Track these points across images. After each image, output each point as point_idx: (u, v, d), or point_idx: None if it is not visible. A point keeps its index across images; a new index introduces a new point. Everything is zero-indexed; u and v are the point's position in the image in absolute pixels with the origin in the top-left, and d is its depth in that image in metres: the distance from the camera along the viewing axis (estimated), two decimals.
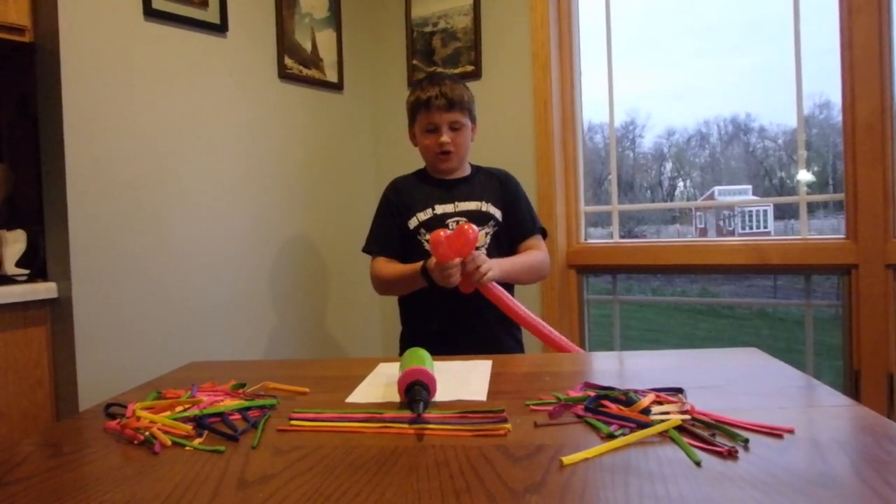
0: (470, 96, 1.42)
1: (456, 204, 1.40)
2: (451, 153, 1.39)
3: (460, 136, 1.40)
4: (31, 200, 1.56)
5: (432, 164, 1.44)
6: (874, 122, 1.60)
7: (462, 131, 1.40)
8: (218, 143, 1.77)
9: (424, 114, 1.39)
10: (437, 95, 1.36)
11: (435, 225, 1.36)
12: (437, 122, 1.38)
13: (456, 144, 1.39)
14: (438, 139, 1.38)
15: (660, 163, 2.30)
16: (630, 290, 2.16)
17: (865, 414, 0.72)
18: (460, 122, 1.39)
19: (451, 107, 1.37)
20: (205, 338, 1.71)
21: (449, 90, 1.37)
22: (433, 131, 1.39)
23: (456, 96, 1.37)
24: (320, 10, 2.10)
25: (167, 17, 1.62)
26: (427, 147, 1.41)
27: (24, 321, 1.38)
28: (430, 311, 1.39)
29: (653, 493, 0.52)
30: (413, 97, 1.43)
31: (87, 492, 0.58)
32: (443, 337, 1.33)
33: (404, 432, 0.71)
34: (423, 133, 1.41)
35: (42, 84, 1.46)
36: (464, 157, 1.45)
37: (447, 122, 1.38)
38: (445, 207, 1.40)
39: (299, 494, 0.55)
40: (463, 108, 1.39)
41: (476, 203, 1.40)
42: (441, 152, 1.39)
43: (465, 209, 1.40)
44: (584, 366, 1.05)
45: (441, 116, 1.37)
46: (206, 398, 0.85)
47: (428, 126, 1.39)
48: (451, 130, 1.38)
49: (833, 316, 1.77)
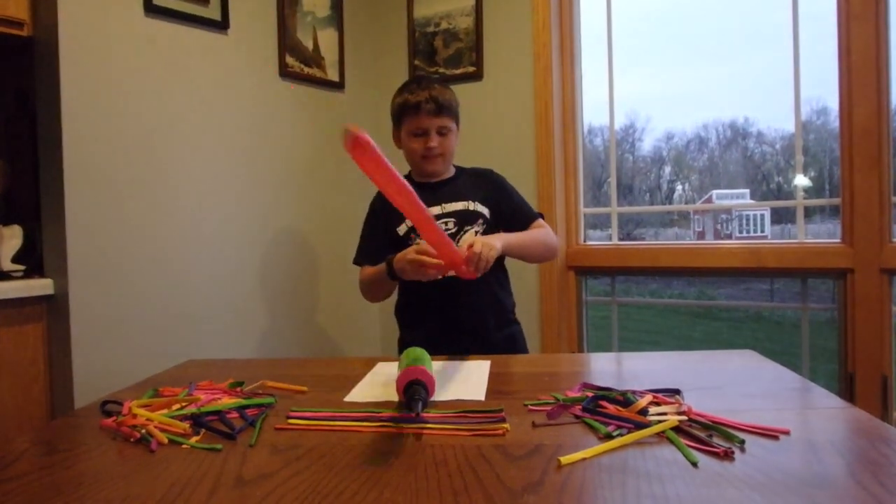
0: (456, 100, 1.43)
1: (443, 206, 1.40)
2: (438, 156, 1.40)
3: (447, 140, 1.40)
4: (29, 196, 1.55)
5: (419, 167, 1.44)
6: (871, 128, 1.61)
7: (449, 136, 1.41)
8: (217, 140, 1.76)
9: (413, 118, 1.38)
10: (426, 100, 1.36)
11: None
12: (425, 127, 1.38)
13: (443, 148, 1.40)
14: (427, 143, 1.38)
15: (659, 166, 2.31)
16: (628, 292, 2.16)
17: (860, 416, 0.72)
18: (448, 126, 1.39)
19: (440, 111, 1.37)
20: (202, 336, 1.70)
21: (438, 94, 1.37)
22: (421, 135, 1.39)
23: (444, 101, 1.37)
24: (322, 9, 2.10)
25: (168, 14, 1.61)
26: (414, 150, 1.41)
27: (19, 318, 1.38)
28: (426, 315, 1.40)
29: (650, 493, 0.52)
30: (400, 100, 1.41)
31: (82, 490, 0.58)
32: (440, 340, 1.32)
33: (403, 431, 0.71)
34: (409, 137, 1.41)
35: (40, 79, 1.46)
36: (450, 160, 1.45)
37: (436, 127, 1.38)
38: (433, 210, 1.39)
39: (297, 493, 0.55)
40: (451, 112, 1.40)
41: (463, 203, 1.40)
42: (428, 156, 1.39)
43: (453, 210, 1.39)
44: (582, 366, 1.05)
45: (430, 121, 1.37)
46: (204, 396, 0.85)
47: (416, 130, 1.39)
48: (438, 135, 1.39)
49: (828, 319, 1.77)
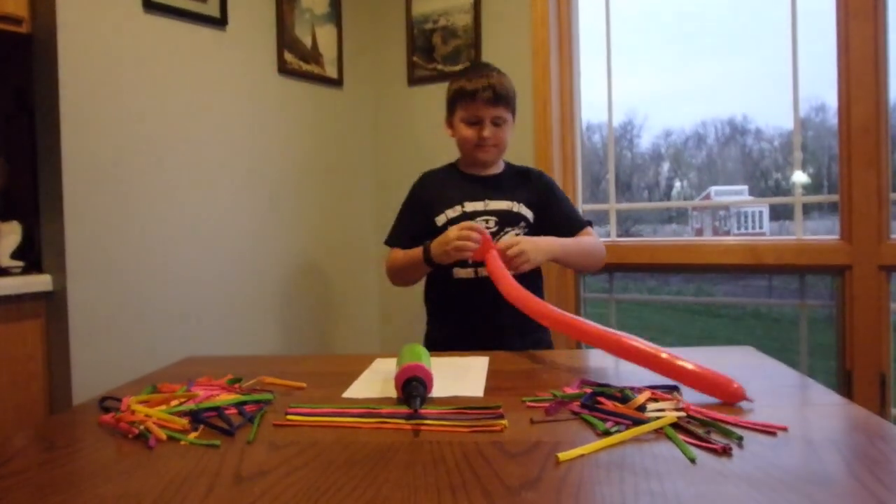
0: (514, 91, 1.37)
1: (486, 202, 1.35)
2: (492, 147, 1.35)
3: (502, 132, 1.35)
4: (27, 192, 1.55)
5: (470, 155, 1.38)
6: (869, 125, 1.61)
7: (504, 127, 1.35)
8: (216, 137, 1.76)
9: (468, 104, 1.33)
10: (483, 88, 1.30)
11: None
12: (480, 116, 1.32)
13: (497, 139, 1.35)
14: (480, 132, 1.33)
15: (657, 163, 2.31)
16: (626, 289, 2.17)
17: (858, 412, 0.72)
18: (503, 117, 1.34)
19: (497, 101, 1.31)
20: (201, 332, 1.70)
21: (497, 83, 1.31)
22: (475, 124, 1.34)
23: (502, 90, 1.32)
24: (321, 6, 2.10)
25: (166, 10, 1.61)
26: (466, 139, 1.35)
27: (18, 314, 1.37)
28: (453, 311, 1.36)
29: (648, 490, 0.52)
30: (457, 86, 1.36)
31: (80, 486, 0.58)
32: (465, 337, 1.30)
33: (401, 428, 0.71)
34: (463, 124, 1.35)
35: (39, 76, 1.45)
36: (503, 152, 1.40)
37: (491, 117, 1.32)
38: (476, 205, 1.35)
39: (295, 489, 0.55)
40: (508, 103, 1.34)
41: (507, 203, 1.35)
42: (481, 144, 1.34)
43: (496, 208, 1.35)
44: (580, 363, 1.05)
45: (486, 110, 1.32)
46: (202, 393, 0.84)
47: (470, 118, 1.34)
48: (493, 125, 1.33)
49: (827, 316, 1.78)
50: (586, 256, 1.35)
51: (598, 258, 1.38)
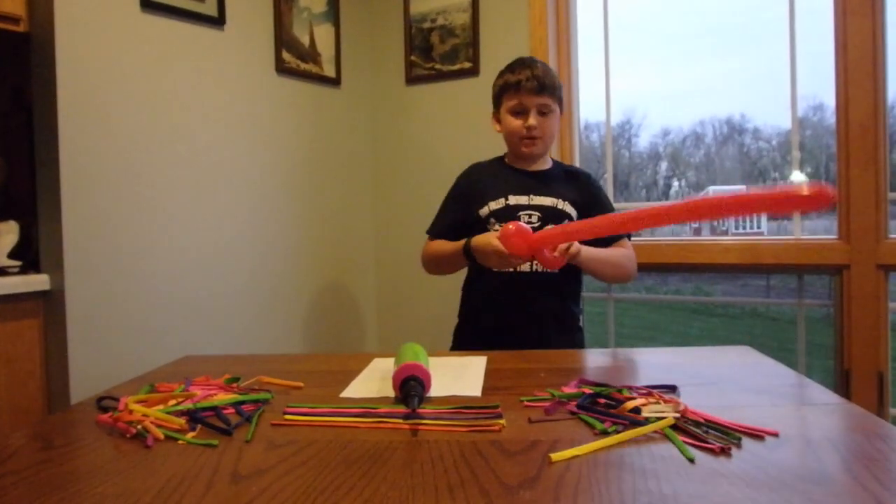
0: (560, 83, 1.37)
1: (531, 197, 1.34)
2: (537, 138, 1.34)
3: (548, 122, 1.34)
4: (25, 191, 1.54)
5: (516, 149, 1.38)
6: (867, 125, 1.61)
7: (550, 116, 1.34)
8: (214, 136, 1.76)
9: (513, 95, 1.33)
10: (528, 77, 1.31)
11: (506, 215, 1.32)
12: (526, 105, 1.32)
13: (543, 129, 1.33)
14: (526, 122, 1.32)
15: (655, 162, 2.31)
16: (625, 288, 2.17)
17: (856, 412, 0.72)
18: (550, 106, 1.33)
19: (542, 90, 1.31)
20: (199, 331, 1.70)
21: (541, 73, 1.32)
22: (520, 114, 1.33)
23: (547, 80, 1.32)
24: (319, 5, 2.09)
25: (164, 10, 1.60)
26: (513, 131, 1.35)
27: (15, 313, 1.37)
28: (488, 306, 1.35)
29: (646, 490, 0.52)
30: (501, 80, 1.37)
31: (78, 485, 0.58)
32: (497, 333, 1.30)
33: (399, 427, 0.71)
34: (509, 115, 1.35)
35: (37, 75, 1.45)
36: (549, 144, 1.39)
37: (536, 106, 1.32)
38: (519, 199, 1.34)
39: (293, 489, 0.55)
40: (553, 93, 1.34)
41: (552, 199, 1.34)
42: (527, 137, 1.34)
43: (540, 204, 1.33)
44: (578, 363, 1.05)
45: (531, 99, 1.31)
46: (200, 392, 0.84)
47: (515, 108, 1.33)
48: (539, 115, 1.33)
49: (825, 315, 1.78)
50: (613, 268, 1.33)
51: (629, 272, 1.37)
